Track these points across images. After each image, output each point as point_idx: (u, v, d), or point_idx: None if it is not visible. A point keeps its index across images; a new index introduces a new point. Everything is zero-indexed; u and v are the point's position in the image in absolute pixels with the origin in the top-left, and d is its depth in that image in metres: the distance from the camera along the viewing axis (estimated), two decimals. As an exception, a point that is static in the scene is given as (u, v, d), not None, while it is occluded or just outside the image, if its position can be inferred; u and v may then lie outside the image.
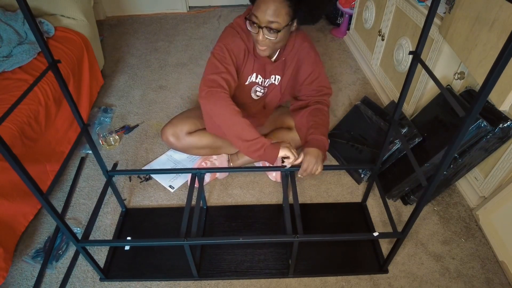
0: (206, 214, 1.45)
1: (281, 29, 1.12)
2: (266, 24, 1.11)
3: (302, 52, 1.33)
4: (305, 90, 1.40)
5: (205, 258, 1.29)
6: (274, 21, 1.09)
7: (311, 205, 1.49)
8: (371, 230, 1.39)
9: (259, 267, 1.27)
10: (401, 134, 1.43)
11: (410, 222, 1.03)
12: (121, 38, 2.70)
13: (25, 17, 0.80)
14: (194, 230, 1.09)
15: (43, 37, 0.86)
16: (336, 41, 2.67)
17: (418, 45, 0.94)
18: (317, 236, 1.19)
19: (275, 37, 1.14)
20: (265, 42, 1.17)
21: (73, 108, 1.04)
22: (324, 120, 1.33)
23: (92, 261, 1.14)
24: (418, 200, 0.98)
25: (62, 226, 0.97)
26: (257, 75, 1.37)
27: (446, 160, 0.81)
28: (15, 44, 1.62)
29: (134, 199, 1.51)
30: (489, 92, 0.66)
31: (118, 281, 1.24)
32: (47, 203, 0.88)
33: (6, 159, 0.75)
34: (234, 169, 1.56)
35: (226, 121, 1.22)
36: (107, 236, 1.37)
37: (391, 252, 1.19)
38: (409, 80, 1.02)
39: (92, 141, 1.14)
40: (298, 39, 1.30)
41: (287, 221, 1.11)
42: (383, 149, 1.23)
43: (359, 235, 1.34)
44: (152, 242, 1.16)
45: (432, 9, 0.87)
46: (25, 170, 0.80)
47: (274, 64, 1.33)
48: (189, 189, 1.20)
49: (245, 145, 1.20)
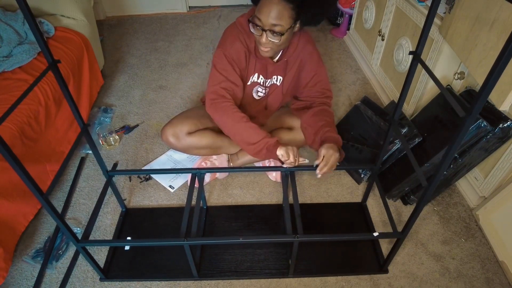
0: (206, 214, 1.45)
1: (285, 32, 1.12)
2: (269, 27, 1.11)
3: (305, 54, 1.33)
4: (307, 92, 1.40)
5: (205, 258, 1.29)
6: (278, 24, 1.10)
7: (311, 205, 1.49)
8: (371, 230, 1.39)
9: (259, 267, 1.27)
10: (401, 134, 1.43)
11: (410, 222, 1.03)
12: (121, 38, 2.70)
13: (25, 17, 0.80)
14: (194, 230, 1.09)
15: (43, 37, 0.86)
16: (336, 41, 2.67)
17: (418, 45, 0.94)
18: (317, 236, 1.19)
19: (279, 40, 1.14)
20: (269, 44, 1.17)
21: (73, 108, 1.04)
22: (333, 121, 1.35)
23: (92, 261, 1.14)
24: (418, 200, 0.98)
25: (62, 226, 0.97)
26: (259, 75, 1.37)
27: (446, 160, 0.81)
28: (15, 44, 1.62)
29: (134, 199, 1.51)
30: (489, 92, 0.66)
31: (118, 281, 1.23)
32: (47, 203, 0.88)
33: (6, 159, 0.75)
34: (234, 169, 1.56)
35: (231, 130, 1.29)
36: (107, 236, 1.37)
37: (391, 252, 1.19)
38: (409, 80, 1.02)
39: (92, 141, 1.14)
40: (302, 41, 1.30)
41: (287, 221, 1.11)
42: (383, 149, 1.24)
43: (359, 235, 1.33)
44: (152, 242, 1.16)
45: (432, 9, 0.87)
46: (25, 170, 0.80)
47: (276, 65, 1.33)
48: (189, 189, 1.20)
49: (251, 148, 1.24)
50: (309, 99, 1.41)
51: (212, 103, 1.28)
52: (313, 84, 1.38)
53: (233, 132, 1.28)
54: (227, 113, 1.26)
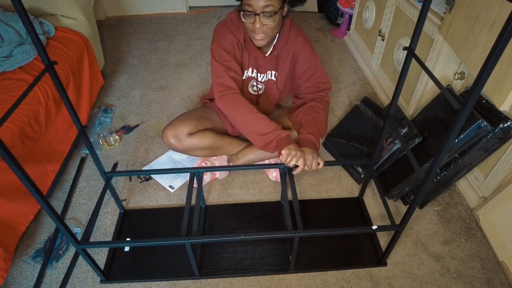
0: (205, 213, 1.45)
1: (277, 11, 1.14)
2: (261, 9, 1.13)
3: (297, 48, 1.33)
4: (303, 87, 1.40)
5: (206, 257, 1.30)
6: (269, 4, 1.12)
7: (309, 201, 1.50)
8: (368, 224, 1.40)
9: (259, 264, 1.27)
10: (401, 134, 1.43)
11: (408, 213, 1.04)
12: (121, 38, 2.70)
13: (21, 19, 0.80)
14: (195, 229, 1.09)
15: (38, 37, 0.85)
16: (336, 41, 2.67)
17: (412, 40, 0.95)
18: (317, 231, 1.19)
19: (273, 21, 1.16)
20: (263, 29, 1.18)
21: (70, 110, 1.03)
22: (315, 118, 1.32)
23: (93, 263, 1.14)
24: (417, 192, 0.98)
25: (62, 228, 0.97)
26: (253, 70, 1.38)
27: (444, 150, 0.82)
28: (16, 45, 1.62)
29: (134, 199, 1.51)
30: (484, 83, 0.67)
31: (119, 283, 1.23)
32: (47, 206, 0.88)
33: (6, 162, 0.75)
34: (233, 167, 1.56)
35: (242, 120, 1.28)
36: (107, 236, 1.37)
37: (389, 245, 1.20)
38: (404, 76, 1.03)
39: (90, 143, 1.15)
40: (292, 34, 1.31)
41: (287, 217, 1.12)
42: (379, 143, 1.25)
43: (359, 229, 1.35)
44: (154, 242, 1.16)
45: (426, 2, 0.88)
46: (25, 172, 0.79)
47: (267, 59, 1.34)
48: (188, 189, 1.20)
49: (261, 139, 1.24)
50: (304, 95, 1.41)
51: (221, 95, 1.28)
52: (306, 78, 1.37)
53: (245, 122, 1.28)
54: (238, 104, 1.27)
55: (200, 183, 1.24)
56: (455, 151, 1.30)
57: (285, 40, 1.30)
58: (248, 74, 1.39)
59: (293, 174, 1.24)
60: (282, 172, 1.26)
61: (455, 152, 1.31)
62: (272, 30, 1.21)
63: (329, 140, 1.73)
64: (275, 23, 1.18)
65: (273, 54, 1.33)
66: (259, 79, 1.41)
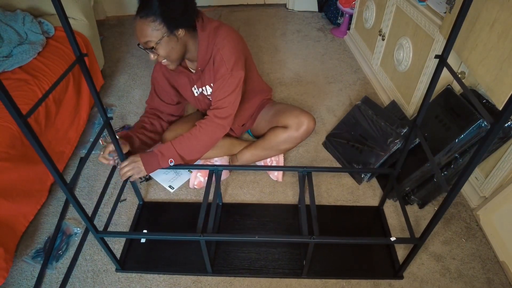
0: (221, 210, 1.45)
1: (159, 42, 1.13)
2: (145, 46, 1.15)
3: (216, 61, 1.26)
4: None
5: (219, 254, 1.30)
6: (147, 41, 1.13)
7: (327, 206, 1.48)
8: (386, 235, 1.37)
9: (272, 266, 1.27)
10: (401, 134, 1.43)
11: (429, 227, 1.01)
12: (121, 38, 2.70)
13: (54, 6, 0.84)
14: (210, 226, 1.11)
15: (71, 28, 0.89)
16: (336, 41, 2.67)
17: (445, 49, 0.93)
18: (333, 238, 1.17)
19: (162, 51, 1.15)
20: (159, 59, 1.19)
21: (97, 101, 1.09)
22: (186, 136, 1.26)
23: (110, 252, 1.16)
24: (440, 206, 0.97)
25: (84, 218, 1.01)
26: (191, 86, 1.41)
27: (470, 168, 0.81)
28: (16, 44, 1.62)
29: (134, 199, 1.51)
30: None
31: (134, 273, 1.25)
32: (70, 194, 0.93)
33: (35, 149, 0.83)
34: (240, 167, 1.58)
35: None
36: (120, 229, 1.40)
37: (407, 258, 1.16)
38: (433, 85, 1.01)
39: (115, 135, 1.20)
40: (216, 47, 1.23)
41: (303, 222, 1.11)
42: (404, 152, 1.23)
43: (376, 239, 1.32)
44: (170, 236, 1.20)
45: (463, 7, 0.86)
46: (50, 159, 0.86)
47: (196, 75, 1.34)
48: (205, 186, 1.22)
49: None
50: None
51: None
52: (213, 91, 1.30)
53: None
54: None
55: (218, 180, 1.26)
56: (455, 151, 1.30)
57: (203, 55, 1.25)
58: (193, 90, 1.42)
59: (311, 177, 1.26)
60: (301, 176, 1.26)
61: (455, 152, 1.31)
62: (172, 55, 1.18)
63: (329, 140, 1.73)
64: (169, 50, 1.15)
65: (197, 71, 1.31)
66: (204, 93, 1.41)
